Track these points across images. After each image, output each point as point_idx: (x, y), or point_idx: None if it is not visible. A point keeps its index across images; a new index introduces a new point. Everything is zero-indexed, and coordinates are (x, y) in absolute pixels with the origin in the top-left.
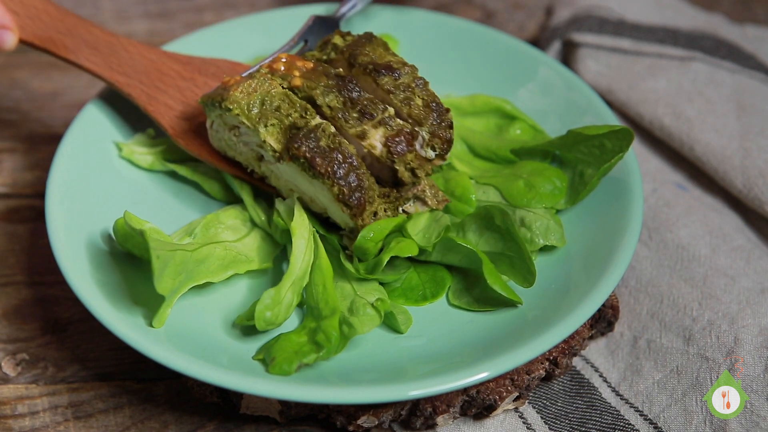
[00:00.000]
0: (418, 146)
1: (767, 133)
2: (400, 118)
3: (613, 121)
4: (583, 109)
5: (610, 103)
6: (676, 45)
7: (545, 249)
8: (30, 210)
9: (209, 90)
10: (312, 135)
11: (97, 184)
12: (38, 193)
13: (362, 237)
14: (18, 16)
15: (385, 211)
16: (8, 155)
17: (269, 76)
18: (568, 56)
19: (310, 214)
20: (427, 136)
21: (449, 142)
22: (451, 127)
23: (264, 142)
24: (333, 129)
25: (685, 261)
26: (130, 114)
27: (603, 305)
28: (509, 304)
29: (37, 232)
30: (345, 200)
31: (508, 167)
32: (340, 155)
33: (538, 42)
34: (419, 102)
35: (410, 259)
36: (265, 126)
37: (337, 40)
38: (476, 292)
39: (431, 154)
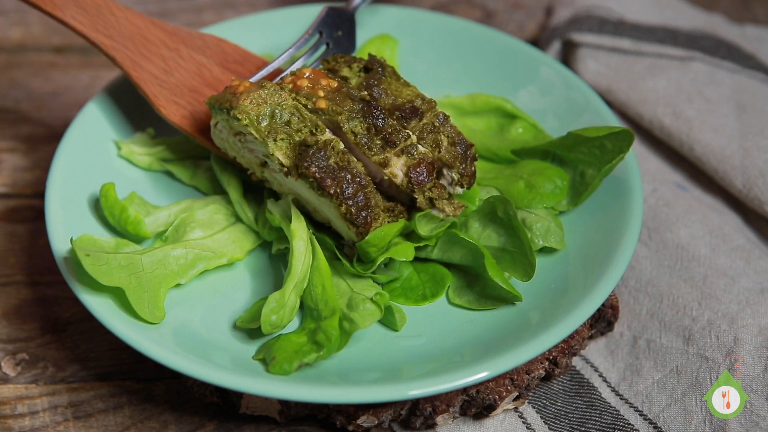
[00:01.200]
0: (446, 184)
1: (767, 133)
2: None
3: (612, 120)
4: (582, 109)
5: (610, 103)
6: (676, 45)
7: (545, 249)
8: (30, 210)
9: (193, 63)
10: (321, 153)
11: (97, 184)
12: (38, 193)
13: (365, 242)
14: None
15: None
16: (8, 155)
17: (280, 89)
18: (568, 56)
19: (303, 214)
20: (457, 177)
21: (474, 176)
22: (475, 159)
23: (272, 155)
24: (342, 146)
25: (685, 261)
26: (129, 114)
27: (603, 305)
28: (509, 301)
29: (37, 232)
30: (352, 219)
31: (509, 167)
32: (348, 174)
33: (538, 42)
34: (446, 142)
35: None
36: (275, 140)
37: (346, 71)
38: (477, 290)
39: (460, 190)
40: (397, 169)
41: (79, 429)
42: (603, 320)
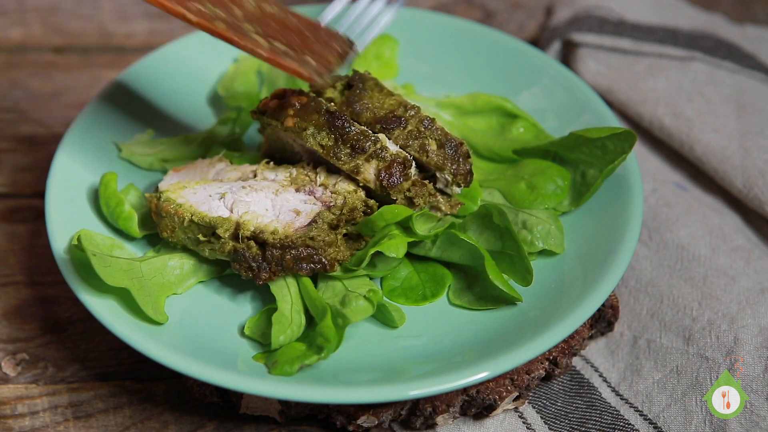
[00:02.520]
0: (442, 186)
1: (767, 133)
2: (420, 165)
3: (613, 121)
4: (583, 109)
5: (610, 103)
6: (676, 45)
7: (546, 251)
8: (30, 210)
9: None
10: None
11: (97, 185)
12: (38, 193)
13: (378, 214)
14: None
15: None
16: (8, 155)
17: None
18: (568, 56)
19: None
20: (450, 178)
21: (471, 173)
22: (468, 156)
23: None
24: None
25: (685, 261)
26: (130, 114)
27: (603, 305)
28: (510, 301)
29: (37, 232)
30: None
31: (511, 168)
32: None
33: (538, 42)
34: (434, 146)
35: (410, 257)
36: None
37: (330, 93)
38: (477, 291)
39: (458, 190)
40: (370, 174)
41: (80, 429)
42: (603, 320)
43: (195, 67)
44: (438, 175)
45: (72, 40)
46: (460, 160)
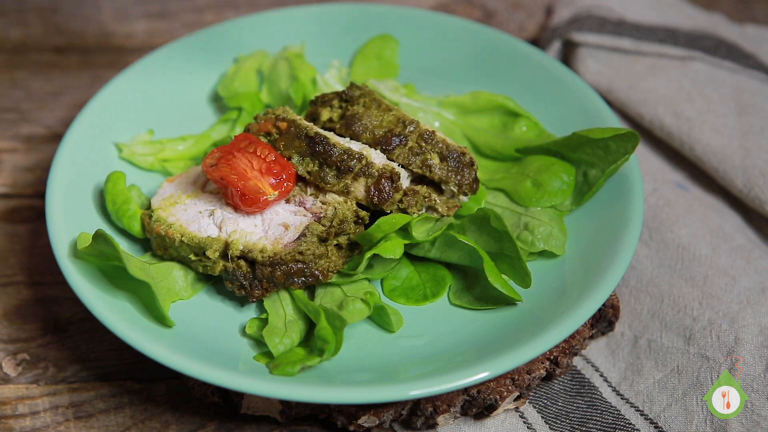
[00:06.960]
0: (448, 197)
1: (767, 133)
2: (424, 177)
3: (613, 120)
4: (583, 109)
5: (610, 103)
6: (676, 45)
7: (547, 252)
8: (30, 210)
9: None
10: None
11: (98, 184)
12: (38, 193)
13: (375, 227)
14: None
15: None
16: (8, 155)
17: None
18: (568, 56)
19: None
20: (456, 189)
21: (476, 181)
22: (472, 164)
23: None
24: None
25: (686, 261)
26: (130, 114)
27: (604, 305)
28: (509, 302)
29: (37, 232)
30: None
31: (515, 165)
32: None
33: (538, 42)
34: (436, 159)
35: (410, 257)
36: None
37: (327, 113)
38: (477, 291)
39: (465, 199)
40: (360, 192)
41: (80, 429)
42: (604, 320)
43: (195, 67)
44: (444, 187)
45: (72, 40)
46: (465, 170)
